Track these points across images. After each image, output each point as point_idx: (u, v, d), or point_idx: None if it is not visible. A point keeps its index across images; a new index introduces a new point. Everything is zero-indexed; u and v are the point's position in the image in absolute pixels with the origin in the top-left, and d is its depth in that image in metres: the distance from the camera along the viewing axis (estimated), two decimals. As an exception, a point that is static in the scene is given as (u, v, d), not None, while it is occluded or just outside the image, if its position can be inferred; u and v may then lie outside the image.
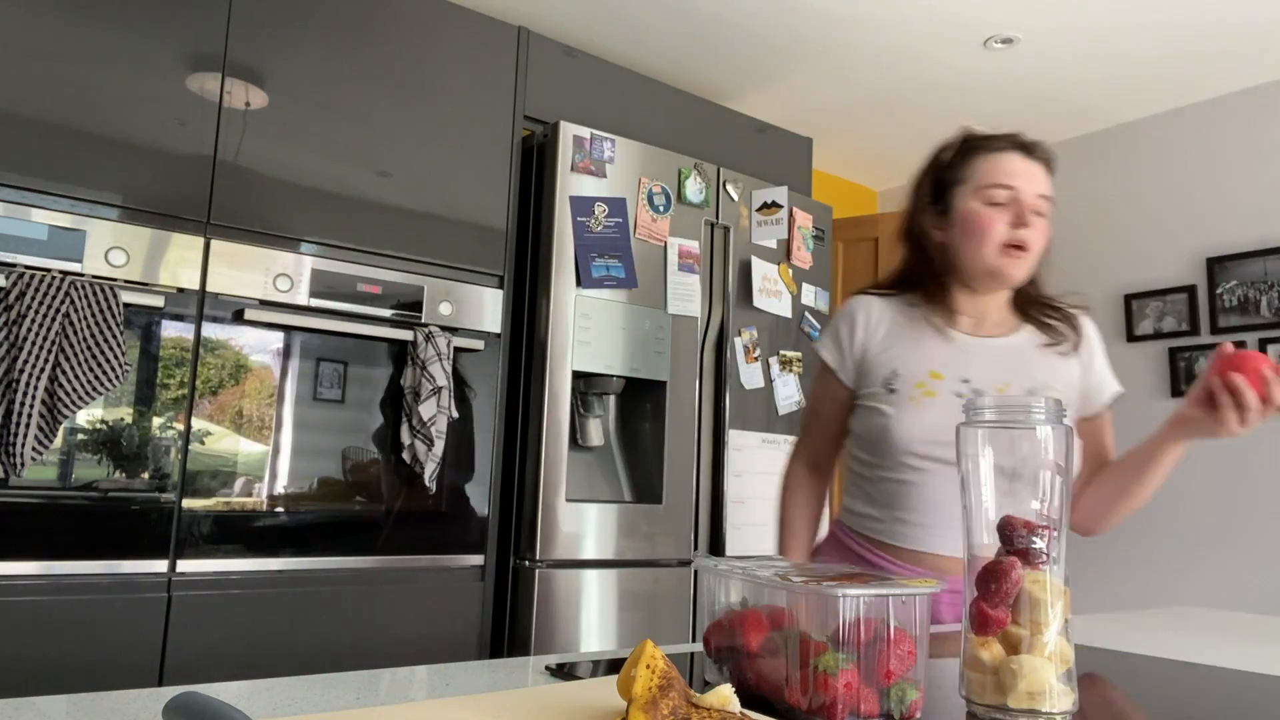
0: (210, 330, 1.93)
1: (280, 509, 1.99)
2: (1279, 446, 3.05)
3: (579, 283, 2.36)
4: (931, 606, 1.18)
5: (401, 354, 2.16)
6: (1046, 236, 1.29)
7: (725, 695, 0.57)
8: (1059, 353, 1.33)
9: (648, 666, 0.54)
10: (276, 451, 1.99)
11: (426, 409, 2.10)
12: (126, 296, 1.81)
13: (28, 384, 1.68)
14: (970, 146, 1.34)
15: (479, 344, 2.27)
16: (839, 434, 1.42)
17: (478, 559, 2.24)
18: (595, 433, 2.45)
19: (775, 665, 0.68)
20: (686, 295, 2.55)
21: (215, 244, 1.95)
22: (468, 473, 2.25)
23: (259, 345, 1.99)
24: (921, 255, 1.36)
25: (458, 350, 2.22)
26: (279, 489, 1.99)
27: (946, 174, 1.34)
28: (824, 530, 1.50)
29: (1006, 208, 1.26)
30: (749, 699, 0.68)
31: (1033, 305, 1.36)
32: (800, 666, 0.65)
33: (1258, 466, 3.08)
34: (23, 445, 1.67)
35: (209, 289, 1.94)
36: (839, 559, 1.36)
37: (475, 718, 0.58)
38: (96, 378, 1.76)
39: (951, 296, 1.34)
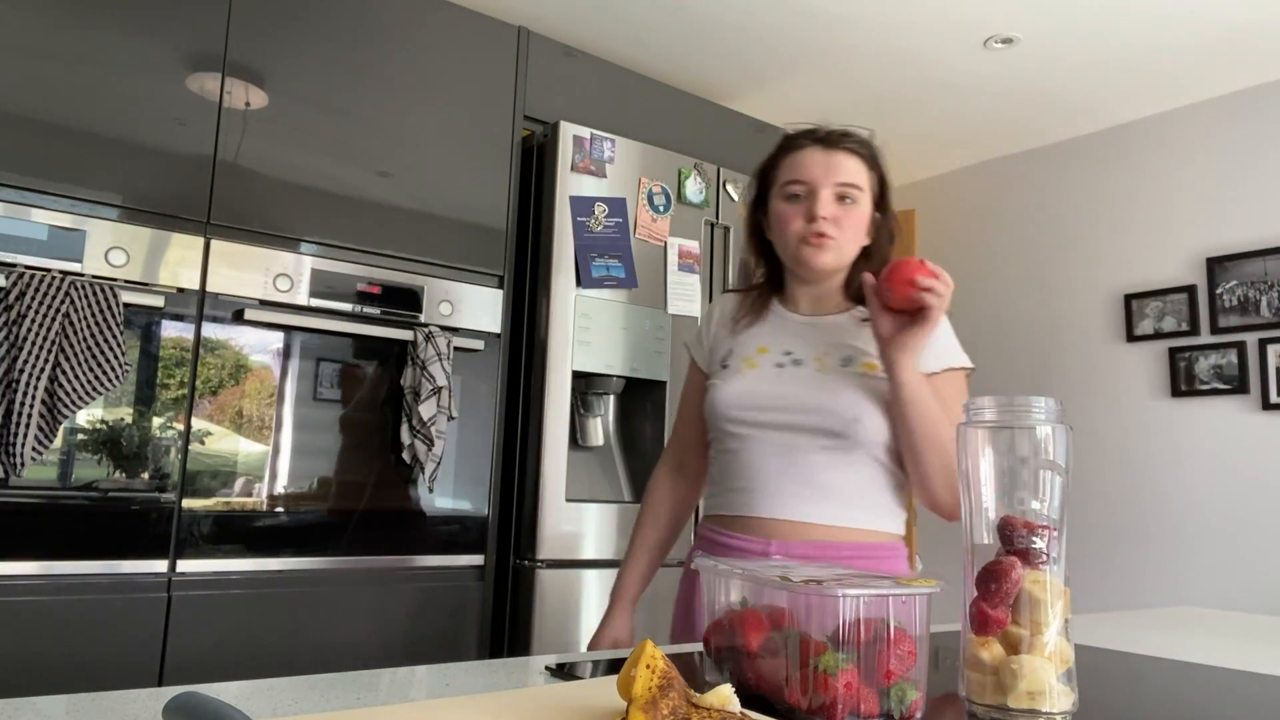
0: (210, 330, 1.93)
1: (280, 509, 1.99)
2: (1279, 446, 3.05)
3: (579, 283, 2.36)
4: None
5: (401, 354, 2.16)
6: (860, 222, 1.32)
7: (725, 695, 0.57)
8: None
9: (648, 666, 0.54)
10: (276, 451, 1.99)
11: (426, 409, 2.10)
12: (126, 296, 1.81)
13: (28, 384, 1.68)
14: (780, 148, 1.39)
15: (479, 344, 2.27)
16: (703, 428, 1.44)
17: (478, 559, 2.24)
18: (595, 433, 2.45)
19: (775, 665, 0.68)
20: (686, 295, 2.55)
21: (215, 244, 1.95)
22: (467, 472, 2.25)
23: (259, 345, 1.99)
24: (762, 252, 1.43)
25: (458, 350, 2.22)
26: (279, 489, 1.99)
27: (765, 177, 1.40)
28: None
29: (802, 201, 1.31)
30: (749, 699, 0.68)
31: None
32: (800, 666, 0.65)
33: (1258, 466, 3.08)
34: (23, 445, 1.67)
35: (209, 289, 1.94)
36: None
37: (475, 718, 0.58)
38: (96, 378, 1.76)
39: (790, 286, 1.41)
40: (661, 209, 2.53)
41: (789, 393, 1.29)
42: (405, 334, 2.14)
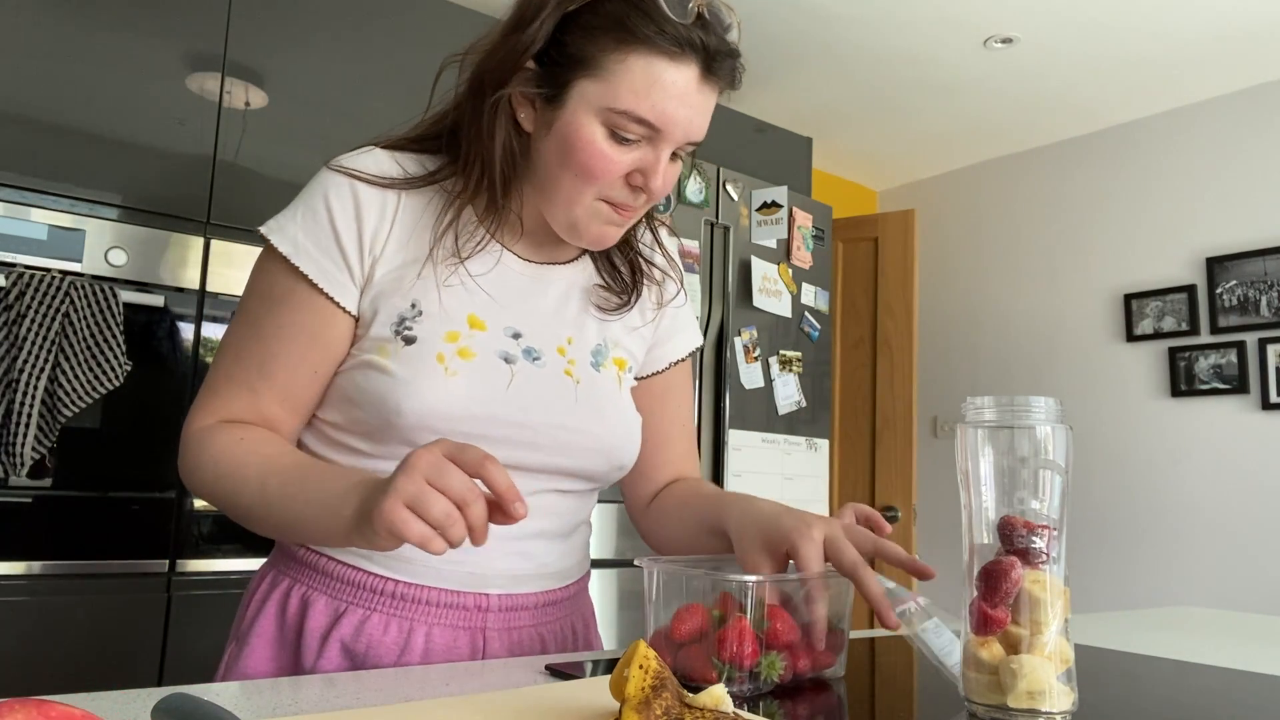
0: (210, 330, 1.93)
1: (280, 509, 1.99)
2: (1279, 446, 3.05)
3: (579, 283, 2.36)
4: None
5: (401, 354, 2.16)
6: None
7: (718, 695, 0.57)
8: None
9: (640, 666, 0.54)
10: (276, 451, 1.99)
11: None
12: (126, 296, 1.81)
13: (27, 384, 1.68)
14: (634, 14, 0.77)
15: (479, 344, 2.27)
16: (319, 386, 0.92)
17: (477, 559, 2.24)
18: (595, 433, 2.45)
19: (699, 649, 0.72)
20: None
21: (215, 244, 1.95)
22: (467, 473, 2.25)
23: (259, 345, 1.99)
24: (506, 151, 0.85)
25: (457, 350, 2.22)
26: (279, 489, 1.99)
27: (578, 41, 0.80)
28: None
29: (638, 148, 0.81)
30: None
31: None
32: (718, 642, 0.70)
33: (1258, 466, 3.08)
34: (22, 445, 1.67)
35: (209, 289, 1.94)
36: None
37: (475, 718, 0.58)
38: (96, 377, 1.76)
39: (514, 204, 0.89)
40: (661, 209, 2.53)
41: (531, 412, 0.85)
42: (405, 334, 2.14)
